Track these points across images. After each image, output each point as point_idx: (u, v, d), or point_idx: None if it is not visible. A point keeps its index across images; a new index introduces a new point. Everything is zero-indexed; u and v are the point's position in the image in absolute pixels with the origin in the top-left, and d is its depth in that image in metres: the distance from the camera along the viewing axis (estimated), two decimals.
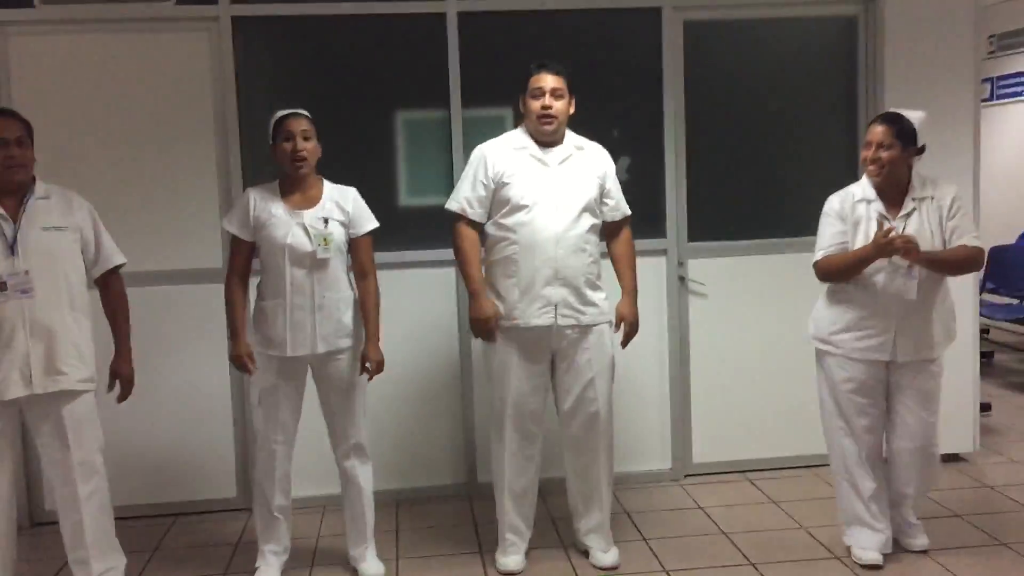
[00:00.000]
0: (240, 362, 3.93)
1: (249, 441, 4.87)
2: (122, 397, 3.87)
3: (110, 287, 3.84)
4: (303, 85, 4.90)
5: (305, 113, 3.93)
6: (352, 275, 4.03)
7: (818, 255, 3.98)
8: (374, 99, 4.92)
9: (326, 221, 3.88)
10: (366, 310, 3.98)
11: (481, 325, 4.01)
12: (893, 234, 3.69)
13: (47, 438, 3.67)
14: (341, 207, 3.94)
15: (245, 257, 3.96)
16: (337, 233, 3.90)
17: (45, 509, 4.71)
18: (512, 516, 4.13)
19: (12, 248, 3.55)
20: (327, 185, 3.98)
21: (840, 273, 3.92)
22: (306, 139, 3.86)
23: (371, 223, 4.01)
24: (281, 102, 4.02)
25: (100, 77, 4.72)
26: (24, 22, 4.66)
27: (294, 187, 3.92)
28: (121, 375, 3.83)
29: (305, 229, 3.85)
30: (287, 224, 3.86)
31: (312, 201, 3.92)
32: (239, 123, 4.77)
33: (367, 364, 3.94)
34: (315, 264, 3.86)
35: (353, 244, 3.99)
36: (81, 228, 3.71)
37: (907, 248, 3.67)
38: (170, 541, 4.58)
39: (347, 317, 3.95)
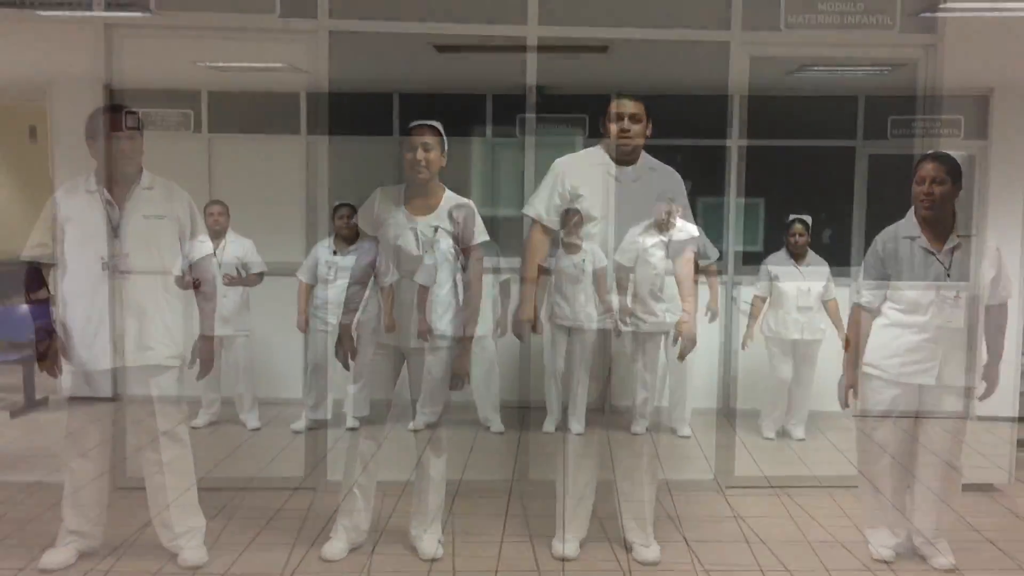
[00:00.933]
0: (340, 351, 4.02)
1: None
2: (201, 375, 3.95)
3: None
4: (387, 97, 4.96)
5: (432, 124, 3.92)
6: (459, 281, 4.02)
7: (858, 299, 4.11)
8: (455, 112, 4.96)
9: (436, 230, 3.90)
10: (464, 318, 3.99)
11: (522, 326, 4.08)
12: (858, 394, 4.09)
13: (136, 408, 3.78)
14: (453, 218, 3.94)
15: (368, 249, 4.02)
16: (444, 243, 3.90)
17: (126, 475, 4.81)
18: (568, 505, 4.15)
19: (116, 232, 3.66)
20: (448, 195, 3.98)
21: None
22: (426, 150, 3.86)
23: (479, 236, 3.98)
24: (368, 112, 4.07)
25: (203, 80, 4.82)
26: (139, 25, 4.78)
27: (416, 193, 3.95)
28: (201, 355, 3.91)
29: (416, 235, 3.88)
30: (401, 227, 3.89)
31: (430, 209, 3.93)
32: (328, 129, 4.84)
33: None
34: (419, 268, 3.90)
35: (465, 255, 3.99)
36: (179, 217, 3.82)
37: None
38: (243, 511, 4.64)
39: (444, 320, 3.94)
